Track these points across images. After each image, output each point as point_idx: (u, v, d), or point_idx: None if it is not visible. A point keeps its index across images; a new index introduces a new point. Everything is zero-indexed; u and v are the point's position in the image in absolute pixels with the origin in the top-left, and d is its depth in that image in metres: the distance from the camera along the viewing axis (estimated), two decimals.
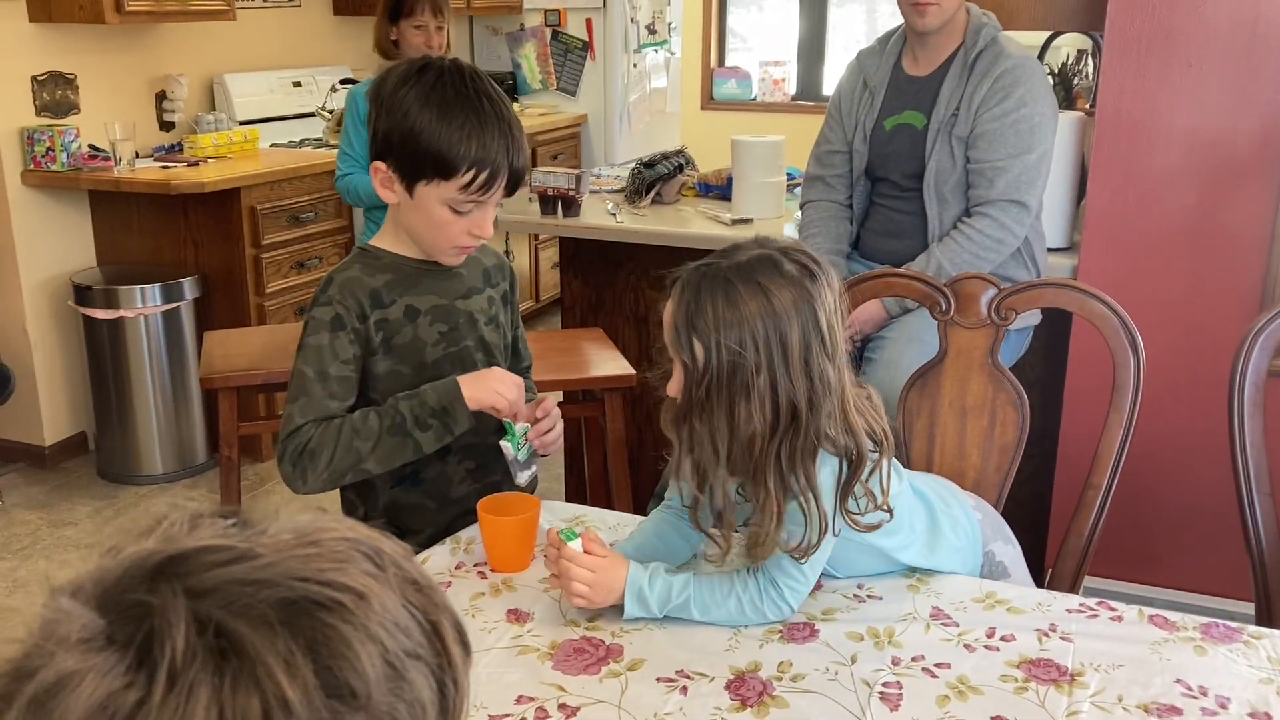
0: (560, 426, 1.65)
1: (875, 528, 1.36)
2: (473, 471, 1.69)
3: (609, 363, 2.59)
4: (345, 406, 1.57)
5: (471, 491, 1.65)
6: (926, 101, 2.38)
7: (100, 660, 0.46)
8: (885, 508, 1.36)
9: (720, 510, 1.34)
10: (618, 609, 1.35)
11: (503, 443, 1.58)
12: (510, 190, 1.55)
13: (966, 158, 2.33)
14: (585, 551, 1.35)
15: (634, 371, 2.54)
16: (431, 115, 1.49)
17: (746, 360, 1.26)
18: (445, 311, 1.64)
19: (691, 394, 1.30)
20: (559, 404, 1.77)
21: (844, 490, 1.33)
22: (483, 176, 1.50)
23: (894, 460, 1.40)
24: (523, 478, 1.60)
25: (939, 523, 1.49)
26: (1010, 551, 1.60)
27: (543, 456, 1.65)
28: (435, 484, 1.67)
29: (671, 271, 1.34)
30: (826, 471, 1.32)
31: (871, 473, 1.34)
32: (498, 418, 1.58)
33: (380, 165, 1.55)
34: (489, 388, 1.56)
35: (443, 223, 1.55)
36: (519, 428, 1.58)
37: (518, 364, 1.79)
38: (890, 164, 2.45)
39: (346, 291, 1.57)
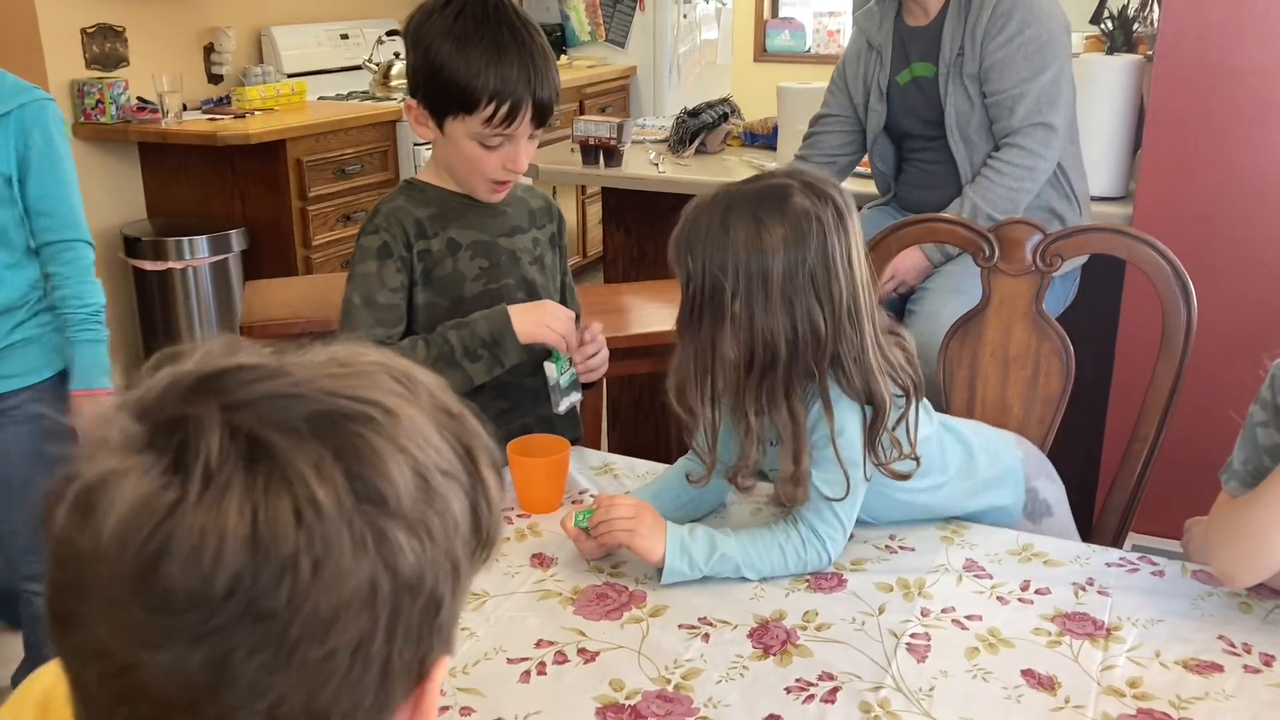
0: (605, 354, 1.62)
1: (906, 476, 1.33)
2: (505, 412, 1.66)
3: (661, 316, 2.54)
4: (393, 335, 1.57)
5: (501, 434, 1.63)
6: (931, 50, 2.35)
7: (140, 461, 0.48)
8: (912, 456, 1.32)
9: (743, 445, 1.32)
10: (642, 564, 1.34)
11: (547, 364, 1.55)
12: (538, 121, 1.52)
13: (983, 94, 2.28)
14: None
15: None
16: (451, 48, 1.48)
17: (725, 287, 1.25)
18: (487, 248, 1.62)
19: (681, 312, 1.30)
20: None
21: (869, 436, 1.29)
22: (504, 108, 1.48)
23: (924, 401, 1.37)
24: (563, 405, 1.58)
25: (976, 460, 1.45)
26: (1053, 489, 1.56)
27: (586, 387, 1.64)
28: None
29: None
30: (850, 417, 1.29)
31: (899, 421, 1.31)
32: (537, 357, 1.57)
33: (411, 102, 1.56)
34: (540, 320, 1.54)
35: (474, 158, 1.54)
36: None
37: (569, 307, 1.76)
38: (911, 118, 2.42)
39: (393, 220, 1.58)
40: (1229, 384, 2.34)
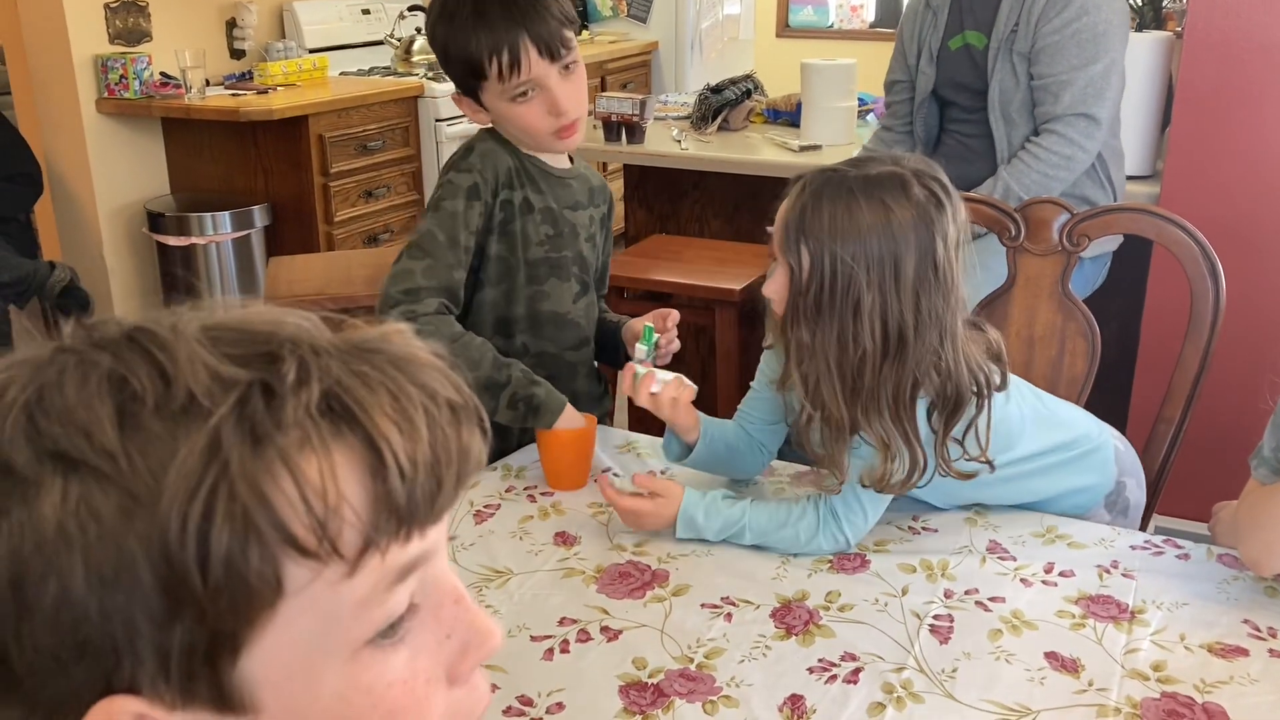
0: (676, 344, 1.60)
1: (970, 476, 1.30)
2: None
3: (720, 274, 2.53)
4: (463, 278, 1.54)
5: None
6: (987, 19, 2.30)
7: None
8: (985, 459, 1.29)
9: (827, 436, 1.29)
10: (668, 535, 1.34)
11: (638, 344, 1.52)
12: (550, 54, 1.49)
13: (1030, 74, 2.24)
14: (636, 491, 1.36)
15: (741, 286, 2.47)
16: (445, 28, 1.50)
17: (858, 276, 1.20)
18: (554, 217, 1.62)
19: (798, 302, 1.25)
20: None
21: (942, 434, 1.27)
22: (504, 58, 1.48)
23: (1009, 376, 1.33)
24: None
25: (1056, 439, 1.42)
26: (1138, 494, 1.52)
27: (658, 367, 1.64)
28: None
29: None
30: (920, 410, 1.27)
31: (970, 425, 1.28)
32: (580, 332, 1.63)
33: (456, 96, 1.58)
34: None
35: (517, 118, 1.54)
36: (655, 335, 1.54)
37: (600, 290, 1.76)
38: (956, 86, 2.38)
39: (488, 162, 1.56)
40: (1256, 365, 2.33)
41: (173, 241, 3.57)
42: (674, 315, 1.59)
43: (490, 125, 1.59)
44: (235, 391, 0.47)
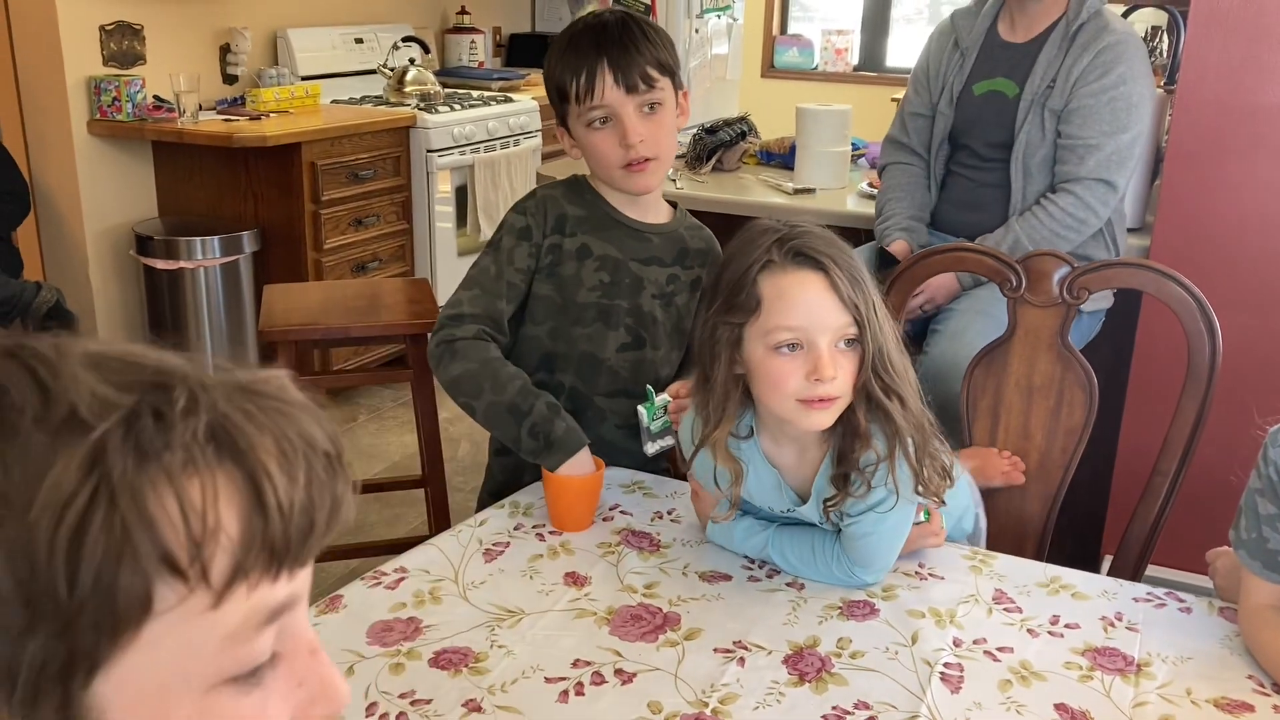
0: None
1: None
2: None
3: None
4: (510, 311, 1.61)
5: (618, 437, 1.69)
6: (1021, 70, 2.31)
7: None
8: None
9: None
10: (677, 576, 1.35)
11: (639, 408, 1.56)
12: (628, 86, 1.55)
13: (1057, 131, 2.27)
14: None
15: None
16: (550, 57, 1.60)
17: (873, 319, 1.29)
18: (615, 265, 1.65)
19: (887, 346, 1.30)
20: None
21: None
22: (581, 79, 1.54)
23: None
24: (650, 448, 1.58)
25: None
26: (983, 520, 1.62)
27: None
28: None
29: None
30: None
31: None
32: (618, 382, 1.66)
33: (556, 128, 1.65)
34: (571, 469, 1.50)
35: (593, 147, 1.59)
36: (660, 399, 1.56)
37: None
38: (976, 131, 2.38)
39: (542, 207, 1.64)
40: (1243, 416, 2.36)
41: (160, 265, 3.55)
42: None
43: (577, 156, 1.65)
44: (121, 410, 0.48)
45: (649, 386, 1.57)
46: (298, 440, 0.52)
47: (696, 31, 5.51)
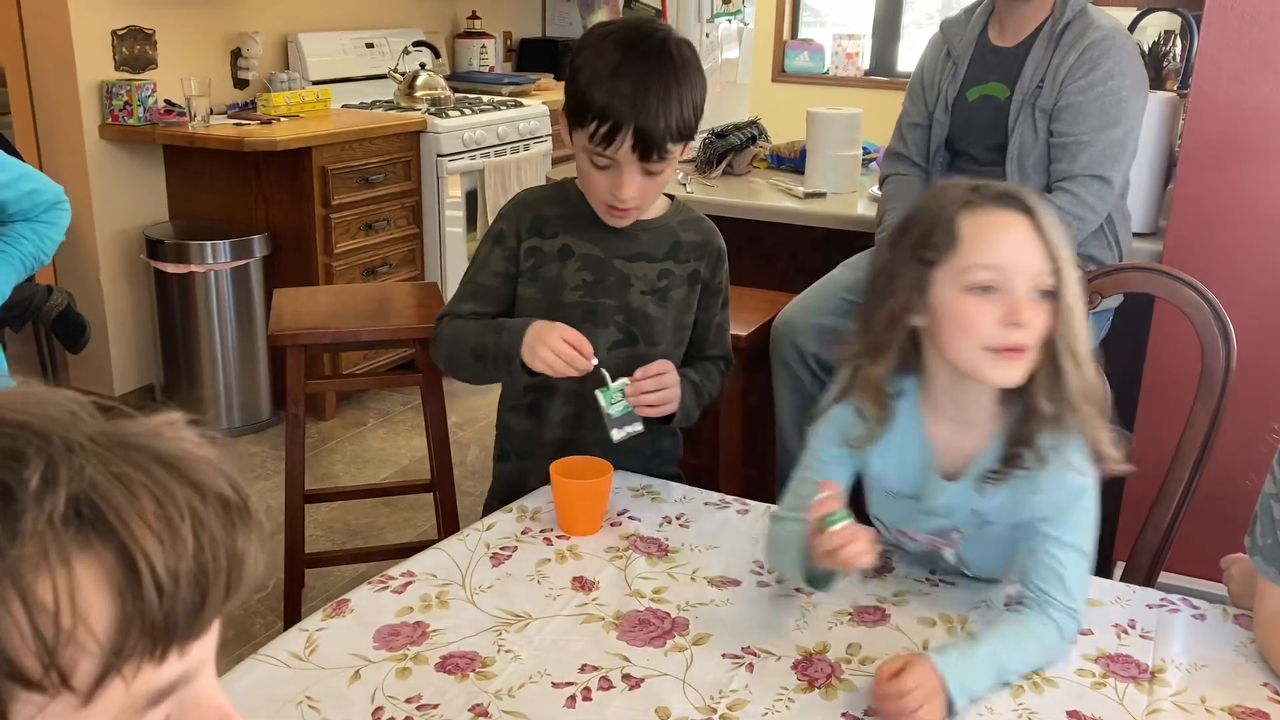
0: (671, 392, 1.56)
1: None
2: (571, 416, 1.69)
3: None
4: (484, 312, 1.65)
5: (567, 441, 1.68)
6: (1011, 72, 2.31)
7: None
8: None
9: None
10: (685, 581, 1.34)
11: (597, 393, 1.52)
12: (643, 153, 1.50)
13: (1050, 131, 2.26)
14: None
15: (747, 331, 2.37)
16: (586, 58, 1.53)
17: None
18: (598, 264, 1.64)
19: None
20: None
21: None
22: (604, 128, 1.49)
23: None
24: (617, 435, 1.53)
25: None
26: None
27: (663, 421, 1.61)
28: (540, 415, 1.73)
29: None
30: None
31: None
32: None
33: (560, 113, 1.62)
34: (536, 349, 1.51)
35: (585, 173, 1.58)
36: (617, 383, 1.52)
37: (700, 350, 1.72)
38: (972, 137, 2.38)
39: (517, 211, 1.67)
40: (1257, 422, 2.34)
41: (171, 269, 3.56)
42: (655, 364, 1.55)
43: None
44: None
45: (602, 371, 1.52)
46: (183, 497, 0.47)
47: (707, 35, 5.50)
